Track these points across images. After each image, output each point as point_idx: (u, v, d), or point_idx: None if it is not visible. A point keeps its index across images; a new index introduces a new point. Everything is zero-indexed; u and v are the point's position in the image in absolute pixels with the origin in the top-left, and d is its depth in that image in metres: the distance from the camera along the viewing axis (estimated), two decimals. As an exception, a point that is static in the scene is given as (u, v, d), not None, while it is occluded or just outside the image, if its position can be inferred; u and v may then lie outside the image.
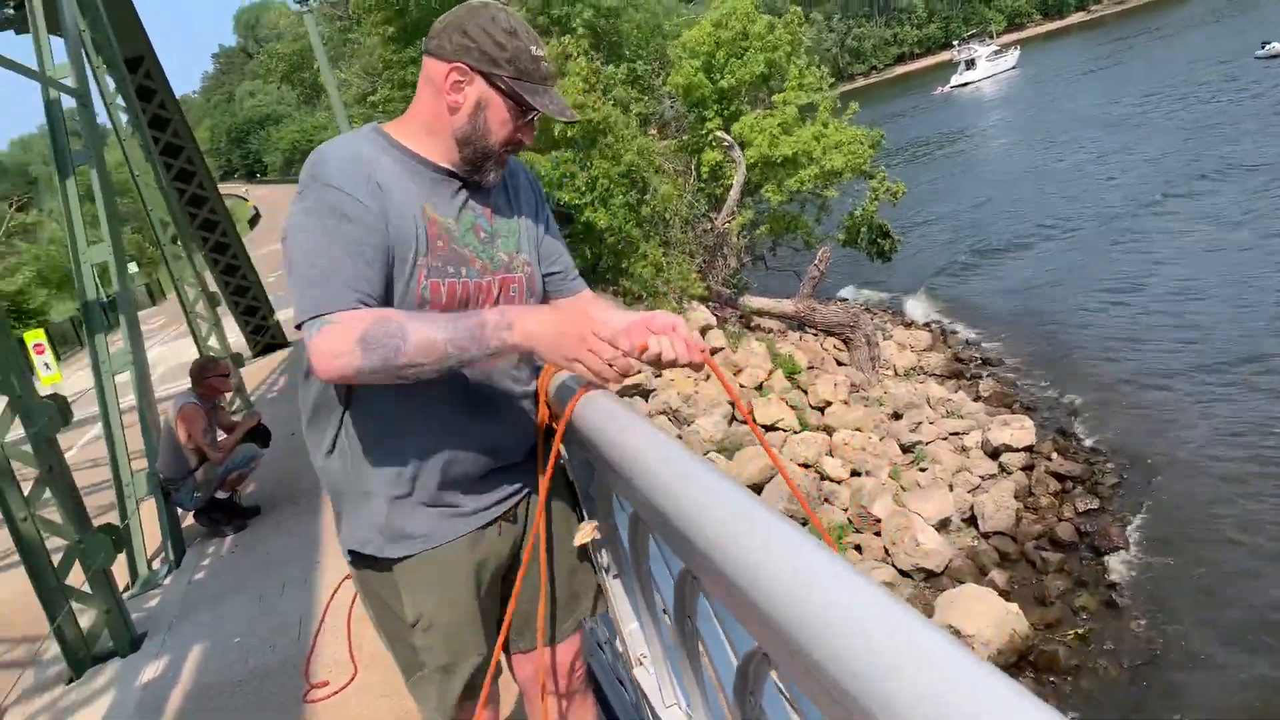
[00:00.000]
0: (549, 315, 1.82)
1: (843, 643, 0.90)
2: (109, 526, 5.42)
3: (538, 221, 2.14)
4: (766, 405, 12.49)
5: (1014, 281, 20.64)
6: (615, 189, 12.83)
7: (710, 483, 1.27)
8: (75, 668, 5.16)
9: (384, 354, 1.67)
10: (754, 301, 16.31)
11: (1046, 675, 8.48)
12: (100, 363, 6.97)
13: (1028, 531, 10.71)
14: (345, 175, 1.80)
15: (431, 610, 2.03)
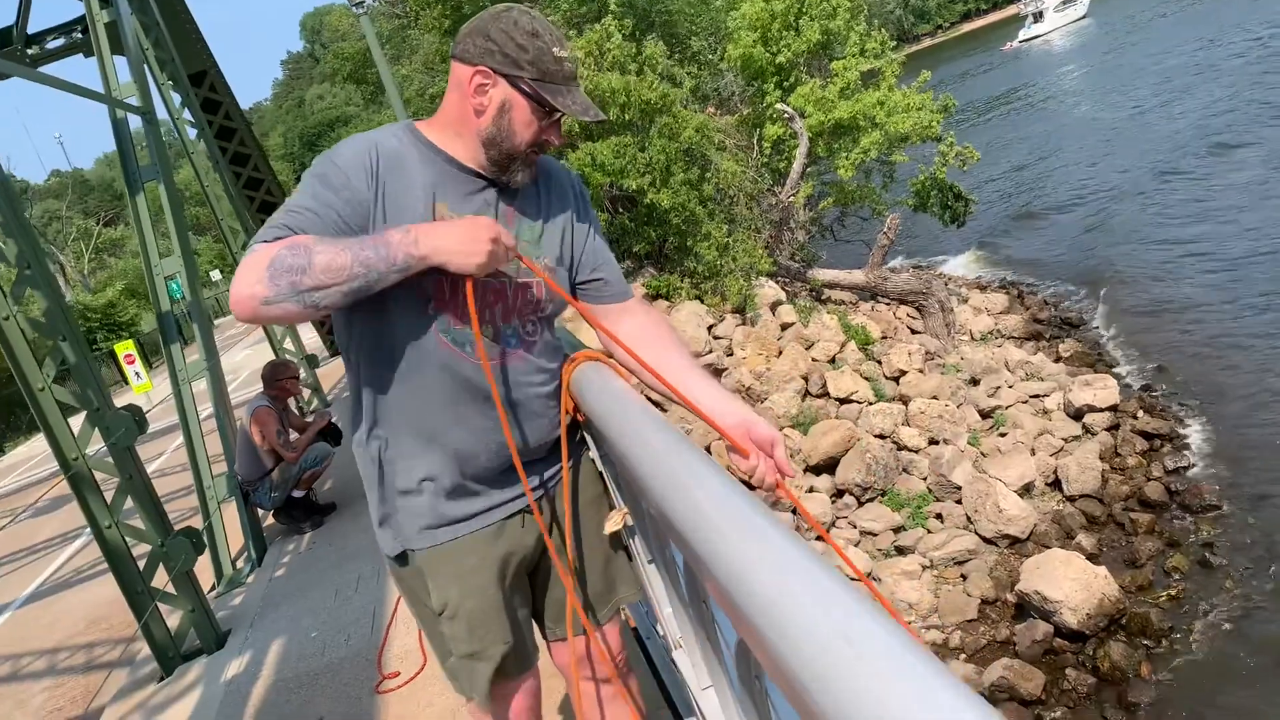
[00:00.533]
0: (452, 225, 1.80)
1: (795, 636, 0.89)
2: (190, 530, 5.60)
3: (576, 225, 2.14)
4: (840, 378, 12.35)
5: (1091, 238, 20.03)
6: (676, 167, 12.76)
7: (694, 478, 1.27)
8: (165, 666, 5.36)
9: (290, 279, 1.66)
10: (823, 274, 16.11)
11: (1139, 639, 8.25)
12: (178, 371, 7.19)
13: (1115, 493, 10.42)
14: (349, 156, 1.87)
15: (456, 600, 2.08)
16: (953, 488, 10.44)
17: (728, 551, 1.08)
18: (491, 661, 2.12)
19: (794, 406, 11.88)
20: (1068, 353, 14.36)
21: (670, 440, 1.45)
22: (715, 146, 13.91)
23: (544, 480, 2.20)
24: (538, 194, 2.08)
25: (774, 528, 1.06)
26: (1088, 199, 23.12)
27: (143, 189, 7.68)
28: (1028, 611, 8.66)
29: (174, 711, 4.87)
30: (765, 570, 1.00)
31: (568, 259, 2.12)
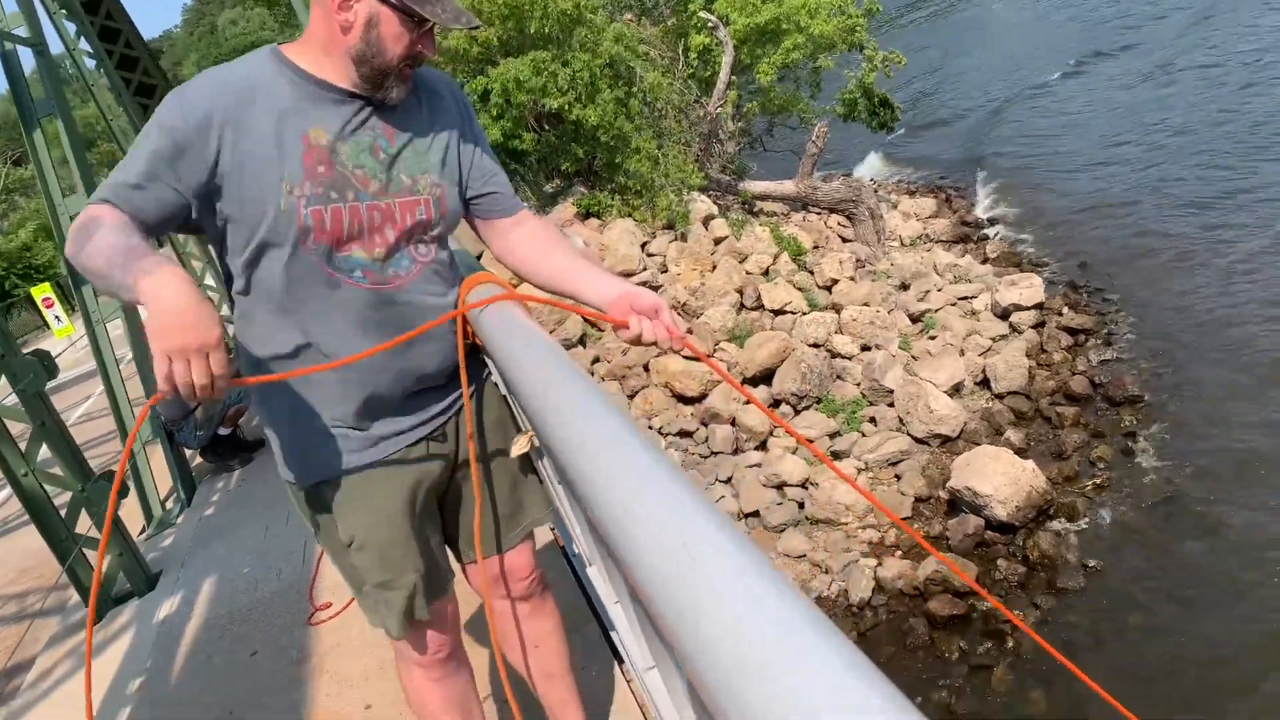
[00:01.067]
0: (183, 292, 1.46)
1: (640, 548, 0.88)
2: (111, 473, 5.49)
3: (463, 142, 2.06)
4: (774, 289, 12.38)
5: (1014, 138, 20.19)
6: (601, 83, 12.52)
7: (572, 404, 1.25)
8: (96, 611, 5.29)
9: (74, 249, 1.65)
10: (754, 186, 16.03)
11: (1067, 528, 8.54)
12: (90, 313, 6.98)
13: (1041, 389, 10.67)
14: (196, 94, 1.78)
15: (364, 531, 2.05)
16: (885, 392, 10.60)
17: (592, 466, 1.07)
18: (405, 590, 2.10)
19: (729, 320, 11.92)
20: (994, 254, 14.55)
21: (546, 362, 1.43)
22: (639, 57, 13.65)
23: (447, 406, 2.16)
24: (419, 108, 2.00)
25: (645, 448, 1.04)
26: (1010, 100, 23.26)
27: (40, 126, 7.35)
28: (959, 507, 8.90)
29: (107, 656, 4.83)
30: (623, 482, 0.98)
31: (455, 174, 2.06)
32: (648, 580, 0.85)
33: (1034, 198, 16.67)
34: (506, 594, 2.39)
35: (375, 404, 2.02)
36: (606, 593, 2.20)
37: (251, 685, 3.95)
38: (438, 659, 2.28)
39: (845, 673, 0.63)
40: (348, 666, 3.77)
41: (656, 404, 10.63)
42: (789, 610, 0.70)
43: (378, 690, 3.53)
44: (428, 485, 2.14)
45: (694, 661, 0.76)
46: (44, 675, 4.94)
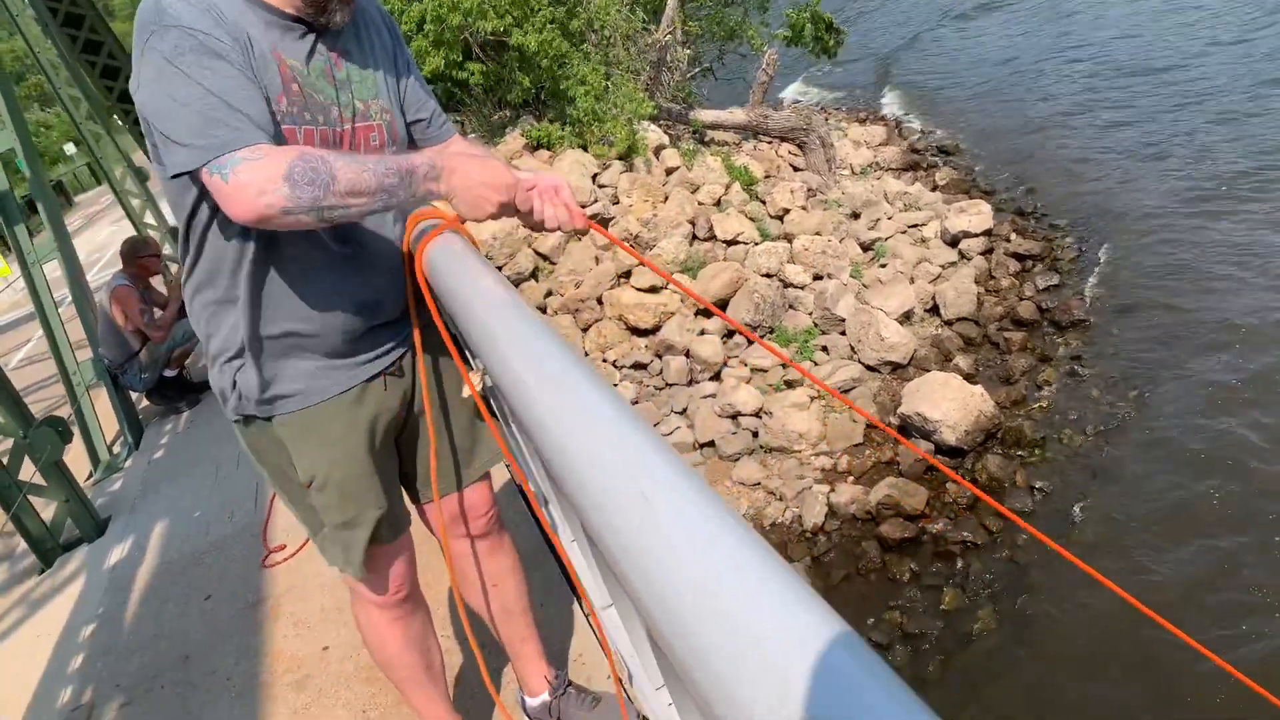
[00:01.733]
0: (475, 166, 1.75)
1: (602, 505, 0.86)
2: (54, 419, 5.38)
3: (397, 66, 2.00)
4: (726, 220, 12.33)
5: (967, 63, 20.19)
6: (536, 3, 12.23)
7: (520, 342, 1.22)
8: (44, 558, 5.22)
9: (314, 193, 1.56)
10: (705, 115, 15.86)
11: (1014, 450, 8.71)
12: (25, 255, 6.76)
13: (990, 314, 10.79)
14: (196, 17, 1.64)
15: (325, 469, 2.01)
16: (837, 320, 10.66)
17: (542, 412, 1.04)
18: (366, 528, 2.08)
19: (682, 251, 11.86)
20: (944, 181, 14.60)
21: (495, 302, 1.39)
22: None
23: (403, 339, 2.12)
24: (357, 34, 1.93)
25: (595, 388, 1.02)
26: (960, 22, 23.16)
27: (-39, 57, 7.04)
28: (910, 432, 9.02)
29: (57, 603, 4.77)
30: (574, 425, 0.96)
31: (398, 98, 2.00)
32: (603, 525, 0.83)
33: (983, 124, 16.71)
34: (464, 533, 2.37)
35: (331, 339, 1.96)
36: (563, 531, 2.20)
37: (207, 630, 3.92)
38: (396, 599, 2.26)
39: (795, 607, 0.62)
40: (304, 608, 3.76)
41: (611, 337, 10.60)
42: (746, 553, 0.69)
43: (335, 631, 3.52)
44: (386, 421, 2.10)
45: (647, 605, 0.74)
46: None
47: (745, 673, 0.60)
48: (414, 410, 2.19)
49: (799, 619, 0.61)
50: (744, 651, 0.61)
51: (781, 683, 0.57)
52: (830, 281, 11.28)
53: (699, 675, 0.65)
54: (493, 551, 2.44)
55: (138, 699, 3.62)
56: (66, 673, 4.06)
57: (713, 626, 0.65)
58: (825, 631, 0.59)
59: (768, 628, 0.61)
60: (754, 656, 0.60)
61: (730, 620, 0.64)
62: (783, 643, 0.59)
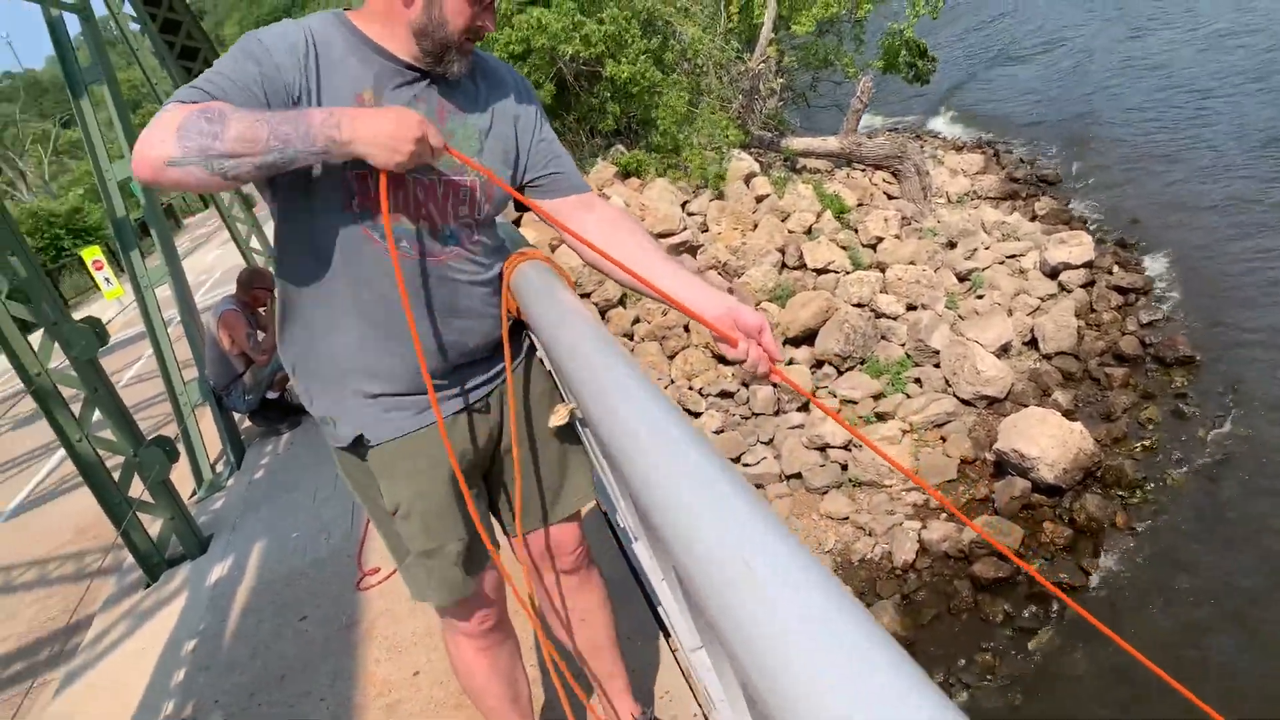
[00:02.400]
0: (379, 113, 1.67)
1: (700, 559, 0.86)
2: (162, 438, 5.57)
3: (519, 120, 2.03)
4: (817, 248, 12.27)
5: (1064, 93, 19.76)
6: (628, 35, 12.37)
7: (617, 389, 1.23)
8: (150, 573, 5.40)
9: (200, 142, 1.56)
10: (797, 142, 15.84)
11: (1114, 491, 8.44)
12: (139, 277, 7.05)
13: (1090, 349, 10.51)
14: (276, 35, 1.76)
15: (409, 499, 2.06)
16: (931, 352, 10.49)
17: (643, 463, 1.04)
18: (447, 559, 2.11)
19: (771, 280, 11.83)
20: (1043, 211, 14.30)
21: (592, 343, 1.40)
22: (677, 11, 13.47)
23: (490, 377, 2.15)
24: (475, 88, 1.97)
25: (694, 444, 1.02)
26: (1061, 55, 22.71)
27: (87, 91, 7.39)
28: (1006, 469, 8.81)
29: (161, 617, 4.92)
30: (676, 484, 0.96)
31: (511, 155, 2.03)
32: (704, 587, 0.83)
33: (1084, 154, 16.32)
34: (553, 568, 2.39)
35: (417, 374, 2.01)
36: (652, 568, 2.20)
37: (301, 650, 4.01)
38: (483, 629, 2.29)
39: (907, 694, 0.62)
40: (396, 632, 3.81)
41: (697, 364, 10.60)
42: (843, 621, 0.69)
43: (426, 656, 3.57)
44: (472, 456, 2.13)
45: (746, 669, 0.75)
46: (102, 635, 5.06)
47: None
48: (501, 446, 2.22)
49: (899, 693, 0.61)
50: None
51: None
52: (924, 312, 11.12)
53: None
54: (581, 587, 2.44)
55: (235, 716, 3.71)
56: (169, 686, 4.19)
57: (813, 704, 0.64)
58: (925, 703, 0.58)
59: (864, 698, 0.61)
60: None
61: (833, 698, 0.63)
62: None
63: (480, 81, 1.99)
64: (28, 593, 6.58)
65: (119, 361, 15.14)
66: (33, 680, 5.18)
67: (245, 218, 10.96)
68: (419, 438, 2.04)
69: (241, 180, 1.65)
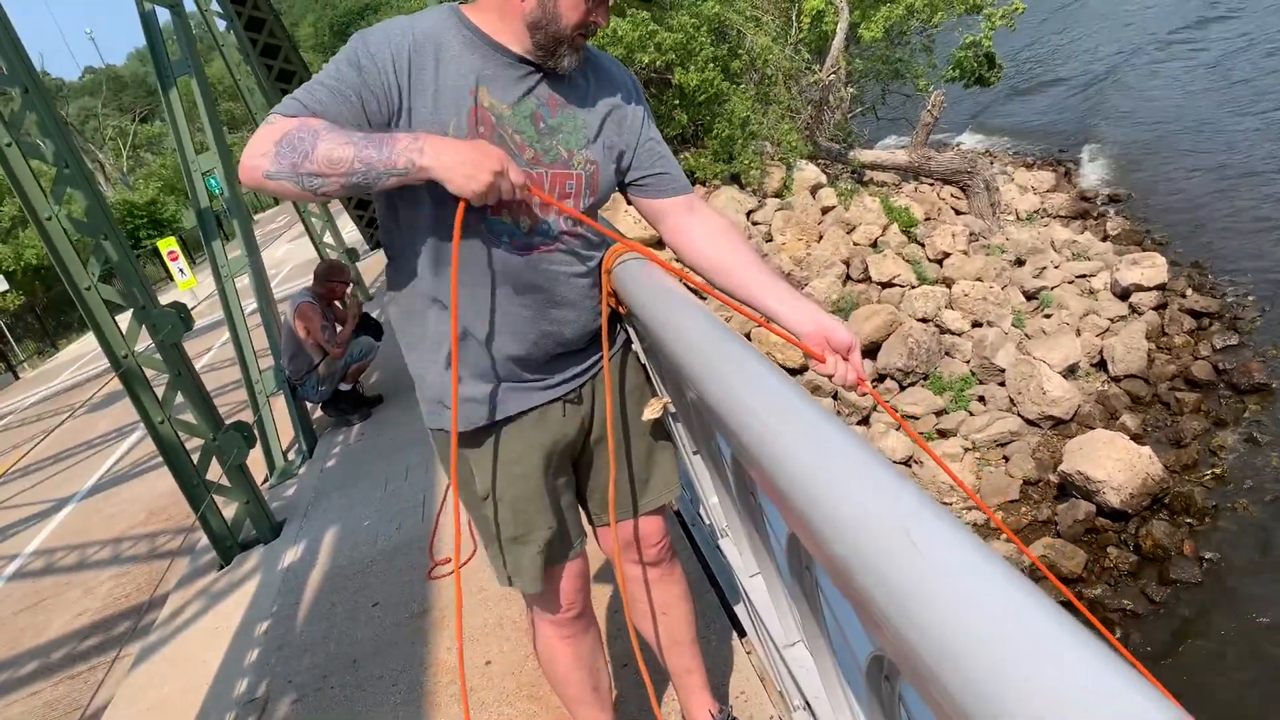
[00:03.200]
0: (462, 145, 1.73)
1: (847, 530, 0.87)
2: (240, 424, 5.71)
3: (628, 117, 2.08)
4: (882, 261, 12.19)
5: (1141, 113, 19.37)
6: (697, 43, 12.41)
7: (741, 370, 1.24)
8: (224, 555, 5.54)
9: (292, 160, 1.67)
10: (865, 155, 15.76)
11: (1182, 518, 8.26)
12: (220, 267, 7.23)
13: (1161, 373, 10.30)
14: (380, 38, 1.83)
15: (501, 485, 2.11)
16: (996, 370, 10.37)
17: (774, 442, 1.05)
18: (535, 545, 2.15)
19: (835, 292, 11.78)
20: (1115, 231, 14.06)
21: (713, 331, 1.42)
22: (747, 20, 13.48)
23: (586, 369, 2.19)
24: (586, 83, 2.01)
25: (825, 418, 1.04)
26: (1138, 71, 22.30)
27: (175, 84, 7.59)
28: (1070, 492, 8.67)
29: (235, 598, 5.04)
30: (816, 461, 0.97)
31: (617, 152, 2.06)
32: (860, 567, 0.84)
33: (1158, 173, 16.02)
34: (637, 559, 2.42)
35: (517, 363, 2.06)
36: (742, 565, 2.21)
37: (374, 636, 4.08)
38: (567, 617, 2.32)
39: (1093, 662, 0.62)
40: (468, 621, 3.87)
41: (761, 374, 10.56)
42: (1022, 598, 0.69)
43: (498, 646, 3.62)
44: (563, 445, 2.18)
45: (913, 647, 0.75)
46: (176, 613, 5.19)
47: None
48: (591, 437, 2.26)
49: (1097, 673, 0.61)
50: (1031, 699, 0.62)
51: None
52: (990, 329, 10.99)
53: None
54: (664, 579, 2.47)
55: (308, 696, 3.79)
56: (243, 665, 4.29)
57: (995, 674, 0.65)
58: (1135, 694, 0.58)
59: (1063, 682, 0.61)
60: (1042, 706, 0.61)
61: (1016, 668, 0.64)
62: (1084, 697, 0.59)
63: (591, 76, 2.03)
64: (103, 570, 6.77)
65: (191, 350, 15.46)
66: (113, 652, 5.33)
67: (320, 213, 11.18)
68: (514, 425, 2.09)
69: (331, 195, 1.77)
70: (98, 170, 56.94)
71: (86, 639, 5.70)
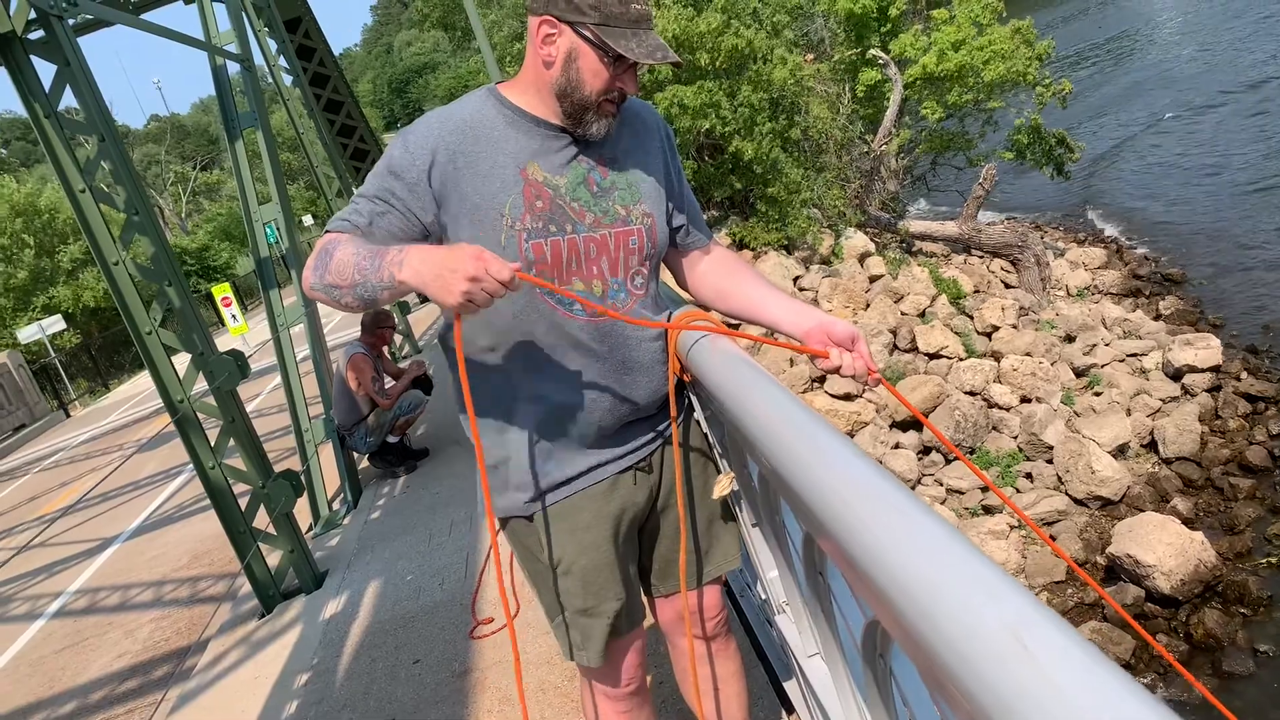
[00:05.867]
0: (435, 251, 1.68)
1: (950, 630, 0.86)
2: (289, 472, 5.75)
3: (668, 172, 2.11)
4: (930, 332, 12.14)
5: (1196, 192, 19.20)
6: (761, 117, 12.55)
7: (825, 448, 1.23)
8: (265, 603, 5.55)
9: (320, 273, 1.77)
10: (915, 225, 15.77)
11: (1236, 607, 8.03)
12: (276, 316, 7.35)
13: (1214, 456, 10.09)
14: (419, 138, 1.88)
15: (571, 555, 2.08)
16: (1044, 447, 10.22)
17: (872, 531, 1.04)
18: (605, 618, 2.12)
19: (881, 361, 11.72)
20: (1168, 310, 13.89)
21: (790, 406, 1.42)
22: (807, 92, 13.62)
23: (654, 436, 2.18)
24: (629, 140, 2.04)
25: (922, 509, 1.03)
26: (1192, 151, 22.16)
27: (241, 135, 7.81)
28: (1118, 574, 8.48)
29: (275, 648, 5.04)
30: (917, 554, 0.96)
31: (663, 204, 2.09)
32: (958, 666, 0.83)
33: (1214, 254, 15.83)
34: (697, 633, 2.38)
35: (590, 432, 2.05)
36: (800, 644, 2.18)
37: (414, 694, 4.06)
38: (626, 692, 2.29)
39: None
40: (510, 684, 3.83)
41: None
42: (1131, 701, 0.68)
43: (539, 713, 3.57)
44: (632, 515, 2.16)
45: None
46: (216, 660, 5.20)
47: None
48: (657, 506, 2.25)
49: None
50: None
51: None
52: (1039, 405, 10.86)
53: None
54: (720, 653, 2.44)
55: (346, 753, 3.77)
56: (281, 718, 4.27)
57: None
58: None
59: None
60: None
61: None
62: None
63: (625, 130, 2.05)
64: (145, 612, 6.81)
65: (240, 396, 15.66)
66: (152, 696, 5.33)
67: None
68: (585, 495, 2.08)
69: (353, 308, 1.83)
70: (157, 215, 58.33)
71: (125, 681, 5.71)
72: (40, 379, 23.34)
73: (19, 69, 4.91)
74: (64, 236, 31.80)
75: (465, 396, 1.88)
